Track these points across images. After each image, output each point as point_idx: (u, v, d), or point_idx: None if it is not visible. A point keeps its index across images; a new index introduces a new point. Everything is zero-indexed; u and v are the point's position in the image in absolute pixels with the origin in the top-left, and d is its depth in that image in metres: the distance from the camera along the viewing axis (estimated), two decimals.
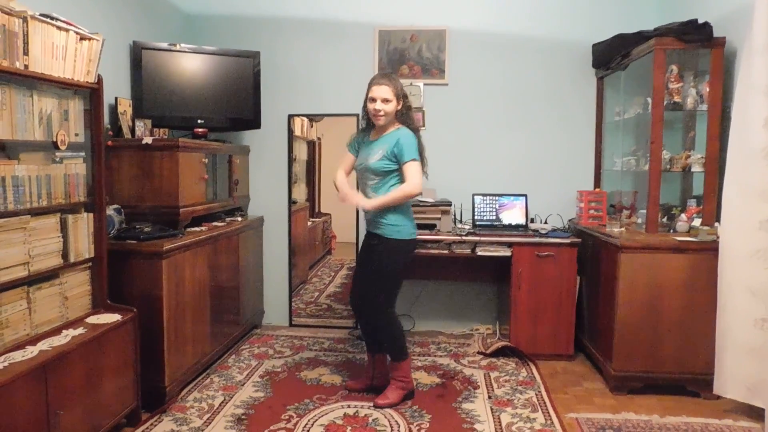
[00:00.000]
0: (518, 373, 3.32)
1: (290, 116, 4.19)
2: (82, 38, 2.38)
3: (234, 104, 3.80)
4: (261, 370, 3.33)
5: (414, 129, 2.87)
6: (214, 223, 3.49)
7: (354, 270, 3.08)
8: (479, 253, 3.55)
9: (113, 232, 2.83)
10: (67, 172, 2.37)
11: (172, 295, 2.82)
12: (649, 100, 3.14)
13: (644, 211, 3.21)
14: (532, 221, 3.88)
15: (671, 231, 3.15)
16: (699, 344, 2.92)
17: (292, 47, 4.11)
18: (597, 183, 3.97)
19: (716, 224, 2.95)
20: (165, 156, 3.01)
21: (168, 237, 2.89)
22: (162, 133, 3.38)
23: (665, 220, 3.26)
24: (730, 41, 3.03)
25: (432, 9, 4.00)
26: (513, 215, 3.85)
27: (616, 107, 3.70)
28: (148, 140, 3.02)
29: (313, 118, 5.28)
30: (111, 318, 2.49)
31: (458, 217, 3.90)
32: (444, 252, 3.57)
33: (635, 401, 2.96)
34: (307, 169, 5.94)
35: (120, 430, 2.57)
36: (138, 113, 3.32)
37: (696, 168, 3.14)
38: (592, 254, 3.45)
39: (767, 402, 2.61)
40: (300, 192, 5.50)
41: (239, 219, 3.81)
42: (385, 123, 2.85)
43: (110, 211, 2.84)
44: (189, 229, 3.18)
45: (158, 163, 3.01)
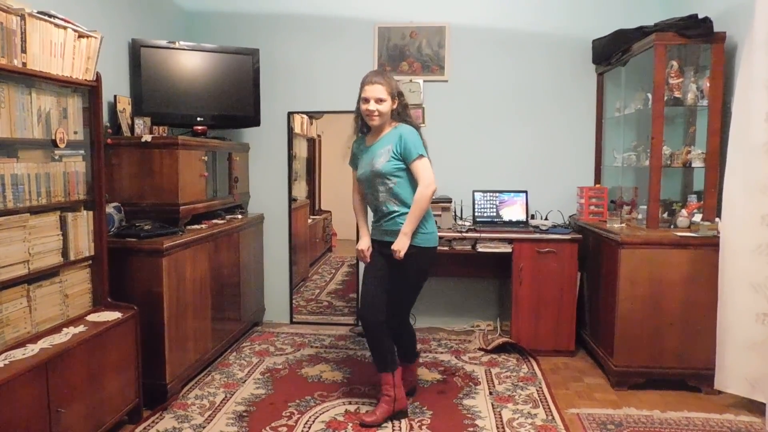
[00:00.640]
0: (519, 369, 3.33)
1: (290, 113, 4.18)
2: (81, 36, 2.38)
3: (233, 102, 3.79)
4: (262, 367, 3.34)
5: (414, 126, 2.71)
6: (215, 221, 3.49)
7: (366, 282, 2.76)
8: (480, 250, 3.55)
9: (113, 230, 2.83)
10: (67, 170, 2.37)
11: (173, 293, 2.82)
12: (650, 96, 3.13)
13: (645, 207, 3.21)
14: (533, 217, 3.88)
15: (672, 226, 3.15)
16: (700, 339, 2.92)
17: (292, 44, 4.11)
18: (597, 179, 3.96)
19: (717, 219, 2.94)
20: (165, 154, 3.00)
21: (168, 235, 2.89)
22: (161, 131, 3.38)
23: (666, 216, 3.25)
24: (731, 36, 3.02)
25: (432, 5, 3.99)
26: (513, 211, 3.84)
27: (617, 103, 3.69)
28: (148, 138, 3.01)
29: (313, 116, 5.27)
30: (112, 316, 2.49)
31: (458, 214, 3.90)
32: (444, 248, 3.57)
33: (636, 396, 2.96)
34: (308, 167, 5.94)
35: (122, 428, 2.57)
36: (137, 111, 3.31)
37: (697, 163, 3.14)
38: (593, 250, 3.44)
39: None
40: (300, 189, 5.50)
41: (239, 216, 3.81)
42: (380, 124, 2.68)
43: (110, 209, 2.84)
44: (189, 227, 3.18)
45: (158, 161, 3.00)
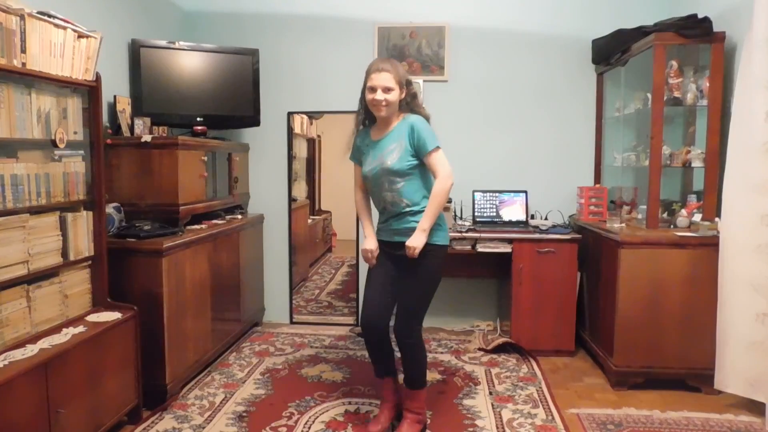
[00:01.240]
0: (519, 369, 3.33)
1: (290, 113, 4.18)
2: (81, 36, 2.38)
3: (233, 102, 3.79)
4: (262, 368, 3.34)
5: (424, 116, 2.51)
6: (214, 221, 3.48)
7: (370, 288, 2.57)
8: (480, 250, 3.55)
9: (113, 230, 2.82)
10: (66, 171, 2.37)
11: (173, 293, 2.82)
12: (649, 96, 3.13)
13: (645, 207, 3.21)
14: (533, 217, 3.88)
15: (672, 226, 3.15)
16: (700, 339, 2.92)
17: (292, 44, 4.11)
18: (597, 179, 3.96)
19: (717, 219, 2.94)
20: (164, 154, 3.00)
21: (168, 235, 2.89)
22: (161, 131, 3.38)
23: (666, 216, 3.25)
24: (730, 36, 3.02)
25: (432, 5, 3.99)
26: (513, 211, 3.84)
27: (616, 103, 3.70)
28: (148, 138, 3.01)
29: (313, 116, 5.27)
30: (111, 316, 2.49)
31: (458, 214, 3.90)
32: None
33: (636, 396, 2.96)
34: (307, 167, 5.95)
35: (121, 428, 2.57)
36: (137, 111, 3.31)
37: (696, 163, 3.14)
38: (593, 250, 3.44)
39: None
40: (300, 189, 5.51)
41: (239, 217, 3.81)
42: (388, 115, 2.47)
43: (110, 210, 2.84)
44: (189, 227, 3.17)
45: (158, 161, 3.00)
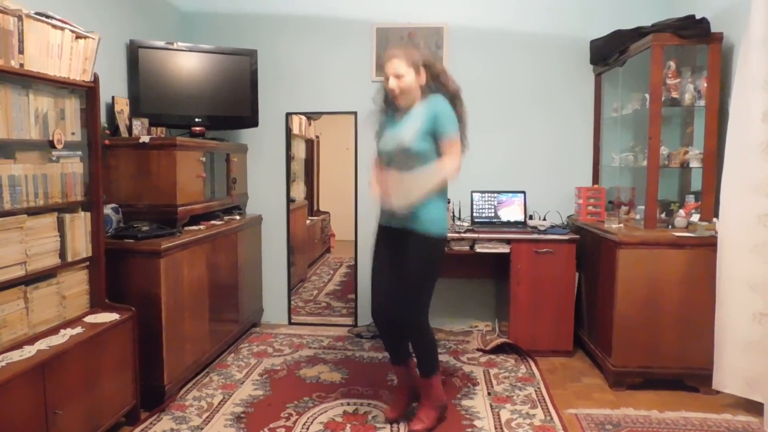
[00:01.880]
0: (517, 370, 3.33)
1: (288, 114, 4.18)
2: (78, 37, 2.37)
3: (231, 102, 3.79)
4: (260, 369, 3.33)
5: (451, 95, 2.47)
6: (213, 222, 3.48)
7: (375, 276, 2.60)
8: (478, 250, 3.55)
9: (111, 231, 2.82)
10: (64, 171, 2.37)
11: (171, 294, 2.82)
12: (647, 96, 3.13)
13: (643, 207, 3.21)
14: (531, 218, 3.89)
15: (670, 227, 3.15)
16: (698, 339, 2.92)
17: (290, 45, 4.11)
18: (595, 179, 3.96)
19: (714, 219, 2.95)
20: (162, 155, 3.00)
21: (166, 236, 2.88)
22: (159, 132, 3.38)
23: (664, 216, 3.26)
24: (728, 36, 3.03)
25: (430, 6, 3.99)
26: (511, 212, 3.85)
27: (614, 103, 3.70)
28: (146, 139, 3.01)
29: (311, 116, 5.28)
30: (109, 317, 2.49)
31: (456, 214, 3.90)
32: None
33: (634, 396, 2.96)
34: (306, 168, 5.95)
35: (119, 429, 2.57)
36: (135, 112, 3.31)
37: (694, 163, 3.14)
38: (591, 250, 3.45)
39: (766, 396, 2.61)
40: (298, 190, 5.51)
41: (237, 217, 3.81)
42: (406, 101, 2.46)
43: (108, 210, 2.84)
44: (187, 228, 3.17)
45: (156, 162, 3.00)
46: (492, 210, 3.86)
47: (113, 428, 2.49)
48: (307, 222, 5.79)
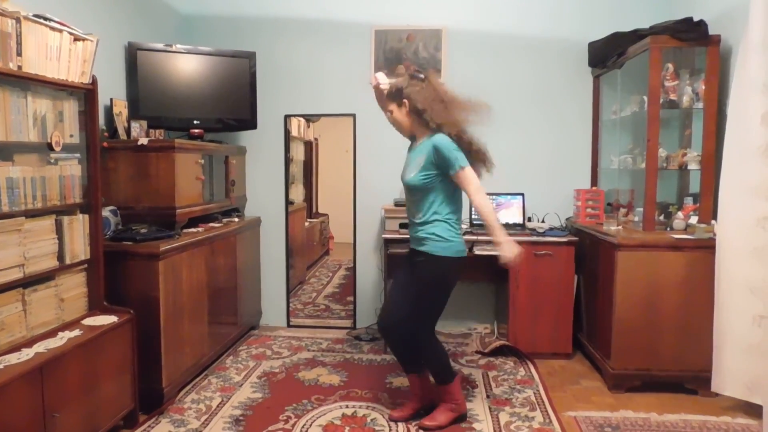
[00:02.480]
0: (516, 372, 3.32)
1: (287, 116, 4.18)
2: (77, 39, 2.37)
3: (230, 105, 3.79)
4: (259, 371, 3.33)
5: (449, 131, 2.52)
6: (211, 224, 3.48)
7: (390, 289, 2.77)
8: (477, 253, 3.54)
9: (109, 234, 2.82)
10: (63, 174, 2.36)
11: (169, 297, 2.81)
12: (646, 99, 3.14)
13: (641, 210, 3.21)
14: (530, 220, 3.88)
15: (668, 229, 3.15)
16: (697, 342, 2.92)
17: (289, 47, 4.11)
18: (594, 181, 3.97)
19: (713, 222, 2.95)
20: (161, 157, 3.00)
21: (164, 238, 2.88)
22: (158, 134, 3.36)
23: (662, 218, 3.26)
24: (726, 39, 3.03)
25: (429, 8, 3.99)
26: (510, 214, 3.84)
27: (613, 106, 3.70)
28: (144, 141, 3.01)
29: (310, 119, 5.28)
30: (107, 320, 2.48)
31: None
32: None
33: (633, 399, 2.95)
34: (305, 170, 5.95)
35: None
36: (134, 114, 3.31)
37: (692, 166, 3.14)
38: (590, 253, 3.45)
39: (765, 399, 2.60)
40: (297, 192, 5.51)
41: (236, 220, 3.81)
42: (407, 134, 2.68)
43: (106, 213, 2.83)
44: (185, 230, 3.17)
45: (154, 164, 3.00)
46: None
47: (111, 431, 2.48)
48: (306, 224, 5.79)
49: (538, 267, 3.48)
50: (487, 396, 2.99)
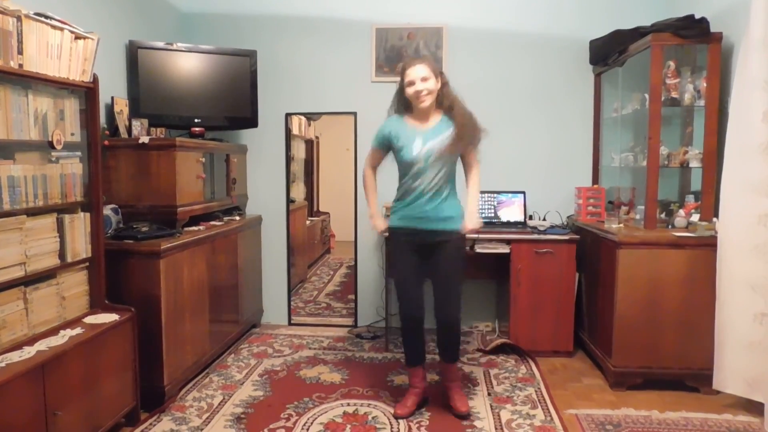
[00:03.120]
0: (518, 370, 3.32)
1: (288, 115, 4.18)
2: (78, 37, 2.37)
3: (231, 103, 3.79)
4: (260, 369, 3.33)
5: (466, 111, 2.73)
6: (212, 223, 3.48)
7: (404, 280, 2.75)
8: (478, 251, 3.55)
9: (110, 232, 2.82)
10: (64, 172, 2.36)
11: (171, 295, 2.82)
12: (647, 96, 3.13)
13: (642, 207, 3.21)
14: (531, 218, 3.88)
15: (670, 227, 3.15)
16: (698, 339, 2.92)
17: (289, 45, 4.10)
18: (595, 179, 3.96)
19: (714, 219, 2.95)
20: (162, 155, 3.00)
21: (165, 236, 2.88)
22: (159, 133, 3.37)
23: (664, 216, 3.25)
24: (727, 36, 3.02)
25: (429, 6, 3.99)
26: (511, 212, 3.85)
27: (614, 103, 3.70)
28: (145, 140, 3.01)
29: (311, 117, 5.28)
30: (109, 318, 2.48)
31: None
32: None
33: (635, 397, 2.95)
34: (306, 168, 5.96)
35: (119, 430, 2.56)
36: (134, 113, 3.31)
37: (694, 163, 3.14)
38: (591, 250, 3.44)
39: (767, 397, 2.61)
40: (298, 191, 5.51)
41: (237, 218, 3.81)
42: (431, 103, 2.66)
43: (107, 211, 2.84)
44: (187, 229, 3.17)
45: (155, 163, 3.00)
46: (492, 210, 3.86)
47: (113, 429, 2.49)
48: (307, 222, 5.79)
49: (540, 265, 3.48)
50: (489, 394, 3.00)
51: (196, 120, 3.61)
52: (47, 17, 2.21)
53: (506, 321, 3.68)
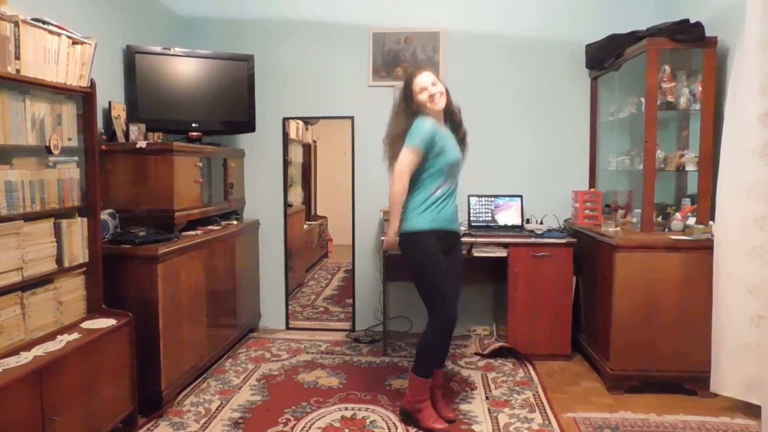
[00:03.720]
0: (515, 374, 3.32)
1: (285, 119, 4.18)
2: (75, 42, 2.38)
3: (228, 107, 3.79)
4: (258, 374, 3.32)
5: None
6: (210, 227, 3.48)
7: (446, 281, 2.70)
8: (475, 254, 3.55)
9: (108, 237, 2.82)
10: (61, 177, 2.36)
11: (168, 299, 2.81)
12: (643, 100, 3.15)
13: (639, 211, 3.22)
14: (528, 222, 3.89)
15: (666, 230, 3.16)
16: (695, 342, 2.93)
17: (287, 50, 4.11)
18: (592, 183, 3.97)
19: (711, 222, 2.96)
20: (159, 160, 3.00)
21: (163, 241, 2.88)
22: (156, 137, 3.37)
23: (660, 219, 3.27)
24: (722, 40, 3.04)
25: (426, 11, 4.00)
26: (509, 216, 3.85)
27: (611, 107, 3.72)
28: (143, 144, 3.01)
29: (308, 121, 5.29)
30: (106, 323, 2.48)
31: None
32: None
33: (632, 400, 2.96)
34: (303, 172, 5.96)
35: None
36: (132, 117, 3.31)
37: (690, 167, 3.15)
38: (588, 254, 3.45)
39: (764, 399, 2.61)
40: (296, 195, 5.52)
41: (235, 222, 3.81)
42: (441, 111, 2.77)
43: (105, 216, 2.83)
44: (184, 233, 3.17)
45: (153, 167, 3.00)
46: (489, 214, 3.86)
47: None
48: (305, 226, 5.79)
49: (537, 268, 3.49)
50: (486, 398, 3.00)
51: (194, 124, 3.61)
52: (44, 22, 2.21)
53: (504, 324, 3.68)
